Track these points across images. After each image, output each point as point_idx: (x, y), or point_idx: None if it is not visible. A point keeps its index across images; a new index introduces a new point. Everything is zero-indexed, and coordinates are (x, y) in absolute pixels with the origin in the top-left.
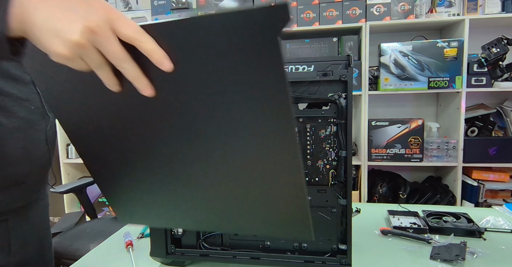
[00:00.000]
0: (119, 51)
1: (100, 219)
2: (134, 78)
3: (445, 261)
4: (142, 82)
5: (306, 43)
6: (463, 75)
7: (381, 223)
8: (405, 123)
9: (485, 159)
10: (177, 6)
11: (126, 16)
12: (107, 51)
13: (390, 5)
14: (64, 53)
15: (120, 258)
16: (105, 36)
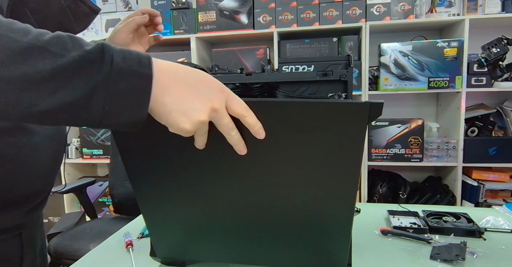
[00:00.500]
0: (230, 123)
1: (100, 219)
2: (236, 142)
3: (445, 261)
4: (241, 144)
5: (306, 43)
6: (463, 75)
7: (381, 223)
8: (405, 123)
9: (485, 159)
10: (177, 6)
11: (234, 94)
12: (221, 124)
13: (390, 5)
14: (188, 129)
15: (120, 258)
16: (223, 113)
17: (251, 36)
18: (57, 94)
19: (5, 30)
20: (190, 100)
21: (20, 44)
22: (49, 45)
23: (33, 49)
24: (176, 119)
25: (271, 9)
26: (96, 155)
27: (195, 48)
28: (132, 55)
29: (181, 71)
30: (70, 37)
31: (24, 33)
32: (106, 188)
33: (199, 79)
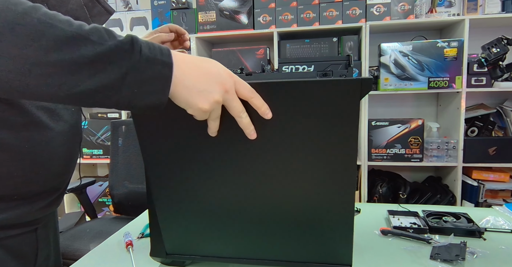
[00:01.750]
0: (240, 105)
1: (100, 219)
2: (246, 125)
3: (445, 261)
4: (251, 128)
5: (306, 43)
6: (463, 75)
7: (381, 223)
8: (405, 123)
9: (485, 159)
10: (177, 6)
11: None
12: (231, 106)
13: (390, 5)
14: (206, 108)
15: (120, 258)
16: (233, 95)
17: (251, 36)
18: (96, 77)
19: (55, 20)
20: (206, 83)
21: (67, 33)
22: (90, 35)
23: (78, 37)
24: (195, 100)
25: (271, 9)
26: (96, 155)
27: (195, 48)
28: (155, 46)
29: (195, 59)
30: (105, 29)
31: (69, 24)
32: (106, 188)
33: (211, 65)
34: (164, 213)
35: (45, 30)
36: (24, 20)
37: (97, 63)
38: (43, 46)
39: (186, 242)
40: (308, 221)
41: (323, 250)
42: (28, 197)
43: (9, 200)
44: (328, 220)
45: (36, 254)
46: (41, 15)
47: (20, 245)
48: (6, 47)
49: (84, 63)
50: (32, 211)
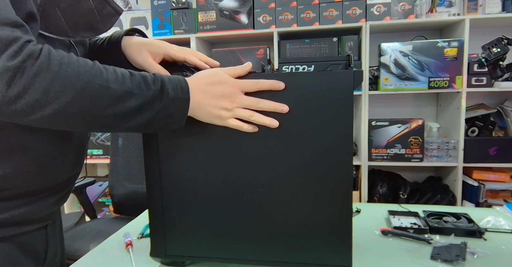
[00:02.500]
0: (246, 112)
1: (100, 219)
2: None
3: (446, 261)
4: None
5: (306, 43)
6: (463, 75)
7: (382, 223)
8: (405, 123)
9: (485, 159)
10: (177, 6)
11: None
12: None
13: (390, 5)
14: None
15: (120, 258)
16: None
17: (251, 36)
18: (135, 119)
19: (110, 82)
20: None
21: (118, 92)
22: (133, 89)
23: (125, 94)
24: (211, 119)
25: (271, 9)
26: (96, 155)
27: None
28: (177, 85)
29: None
30: (143, 78)
31: (120, 82)
32: (106, 188)
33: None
34: (172, 214)
35: (104, 93)
36: (89, 86)
37: (138, 111)
38: (104, 105)
39: (187, 242)
40: (307, 222)
41: (323, 252)
42: (41, 193)
43: (24, 197)
44: (326, 222)
45: (46, 251)
46: (101, 81)
47: (32, 242)
48: (76, 106)
49: (129, 113)
50: (44, 207)
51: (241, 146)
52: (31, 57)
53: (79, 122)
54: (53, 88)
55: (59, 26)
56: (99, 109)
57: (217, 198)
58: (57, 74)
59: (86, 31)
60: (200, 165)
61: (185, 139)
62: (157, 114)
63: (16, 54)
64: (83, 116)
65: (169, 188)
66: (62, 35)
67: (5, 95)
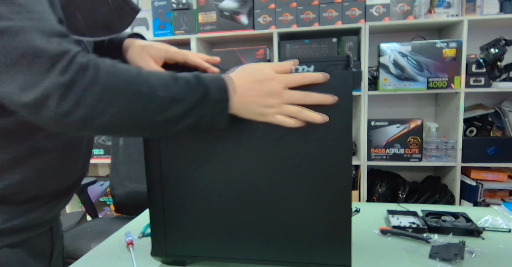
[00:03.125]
0: (293, 108)
1: (101, 218)
2: (308, 118)
3: (444, 260)
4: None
5: (306, 44)
6: (462, 75)
7: (381, 222)
8: (405, 123)
9: (483, 159)
10: (178, 7)
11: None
12: (286, 112)
13: (389, 5)
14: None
15: (121, 257)
16: (289, 97)
17: (251, 36)
18: (181, 124)
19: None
20: (260, 104)
21: (164, 100)
22: (178, 95)
23: (171, 102)
24: (254, 118)
25: (271, 9)
26: (97, 155)
27: (195, 49)
28: (219, 85)
29: (249, 81)
30: (186, 82)
31: (165, 89)
32: (107, 188)
33: (261, 80)
34: (172, 214)
35: (151, 102)
36: (136, 96)
37: (184, 115)
38: (152, 113)
39: (188, 242)
40: (306, 222)
41: (322, 251)
42: (54, 195)
43: (39, 200)
44: (326, 221)
45: (52, 252)
46: (147, 89)
47: (40, 244)
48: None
49: (175, 119)
50: (54, 208)
51: (242, 146)
52: (81, 70)
53: (127, 130)
54: (102, 101)
55: (76, 27)
56: (146, 118)
57: (218, 197)
58: (105, 86)
59: (103, 31)
60: (201, 165)
61: (186, 139)
62: (202, 117)
63: (67, 68)
64: (130, 125)
65: (170, 188)
66: (79, 35)
67: (57, 111)
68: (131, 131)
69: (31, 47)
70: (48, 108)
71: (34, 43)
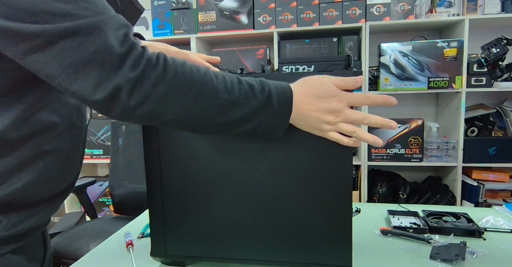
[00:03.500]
0: (349, 127)
1: (100, 219)
2: (363, 139)
3: (445, 261)
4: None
5: (306, 43)
6: (463, 75)
7: (381, 223)
8: (405, 123)
9: (484, 159)
10: (177, 6)
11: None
12: (342, 130)
13: (390, 5)
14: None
15: (121, 258)
16: (344, 117)
17: (251, 36)
18: (240, 127)
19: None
20: (319, 118)
21: (226, 102)
22: (239, 98)
23: (231, 104)
24: (310, 131)
25: (271, 9)
26: (96, 155)
27: (195, 48)
28: (283, 95)
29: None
30: (250, 87)
31: (227, 92)
32: (106, 188)
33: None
34: (172, 214)
35: (213, 103)
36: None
37: (243, 120)
38: (212, 114)
39: (188, 242)
40: (307, 223)
41: (323, 252)
42: (53, 196)
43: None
44: (326, 222)
45: (44, 255)
46: (211, 90)
47: (34, 247)
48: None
49: (235, 122)
50: (52, 211)
51: (242, 146)
52: (150, 66)
53: (188, 127)
54: (169, 99)
55: None
56: (207, 118)
57: (218, 198)
58: (172, 84)
59: None
60: (201, 165)
61: (186, 139)
62: (260, 124)
63: (137, 63)
64: (192, 123)
65: (170, 188)
66: None
67: (126, 105)
68: (191, 128)
69: (104, 44)
70: (119, 103)
71: (107, 40)
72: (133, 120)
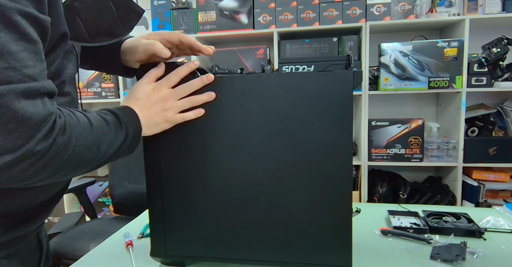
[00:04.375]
0: (181, 87)
1: (100, 219)
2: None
3: (445, 261)
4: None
5: (306, 43)
6: (463, 75)
7: (381, 223)
8: (405, 123)
9: (485, 159)
10: (177, 6)
11: (179, 91)
12: (181, 93)
13: (390, 5)
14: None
15: (120, 258)
16: (176, 93)
17: (251, 36)
18: (113, 158)
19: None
20: (158, 115)
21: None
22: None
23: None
24: (164, 127)
25: (271, 9)
26: None
27: None
28: (133, 120)
29: (148, 115)
30: (115, 126)
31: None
32: (106, 188)
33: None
34: (172, 214)
35: (96, 154)
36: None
37: (116, 154)
38: (96, 160)
39: (187, 242)
40: (307, 223)
41: (323, 252)
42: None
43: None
44: (326, 222)
45: (40, 256)
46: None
47: (28, 251)
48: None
49: (110, 157)
50: (45, 215)
51: (242, 147)
52: (60, 135)
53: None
54: (68, 165)
55: (78, 33)
56: (92, 165)
57: (217, 198)
58: (72, 153)
59: (106, 37)
60: (201, 165)
61: (186, 139)
62: (123, 152)
63: (47, 136)
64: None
65: (169, 188)
66: (81, 41)
67: (21, 175)
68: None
69: (14, 114)
70: (14, 172)
71: (17, 110)
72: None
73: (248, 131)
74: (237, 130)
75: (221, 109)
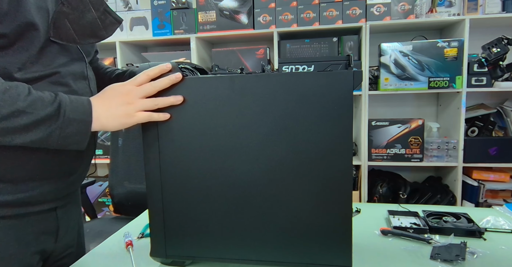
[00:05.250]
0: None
1: (100, 219)
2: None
3: (445, 261)
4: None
5: (306, 43)
6: (463, 75)
7: (381, 223)
8: (405, 123)
9: (485, 159)
10: (177, 6)
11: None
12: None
13: (390, 5)
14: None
15: (120, 258)
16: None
17: (251, 36)
18: (27, 136)
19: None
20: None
21: (8, 109)
22: (26, 108)
23: (16, 112)
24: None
25: (271, 9)
26: (96, 155)
27: (195, 48)
28: (79, 107)
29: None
30: (40, 99)
31: (11, 102)
32: (106, 188)
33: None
34: (172, 214)
35: None
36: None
37: (29, 128)
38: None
39: (187, 242)
40: (307, 223)
41: (323, 252)
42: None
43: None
44: (326, 222)
45: (57, 230)
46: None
47: (42, 221)
48: None
49: (19, 129)
50: (53, 190)
51: (242, 146)
52: None
53: None
54: None
55: (68, 35)
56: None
57: (217, 198)
58: None
59: (91, 38)
60: (201, 165)
61: (186, 139)
62: (51, 133)
63: None
64: None
65: (169, 188)
66: (71, 42)
67: None
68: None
69: None
70: None
71: None
72: None
73: (248, 131)
74: (237, 130)
75: (221, 109)
